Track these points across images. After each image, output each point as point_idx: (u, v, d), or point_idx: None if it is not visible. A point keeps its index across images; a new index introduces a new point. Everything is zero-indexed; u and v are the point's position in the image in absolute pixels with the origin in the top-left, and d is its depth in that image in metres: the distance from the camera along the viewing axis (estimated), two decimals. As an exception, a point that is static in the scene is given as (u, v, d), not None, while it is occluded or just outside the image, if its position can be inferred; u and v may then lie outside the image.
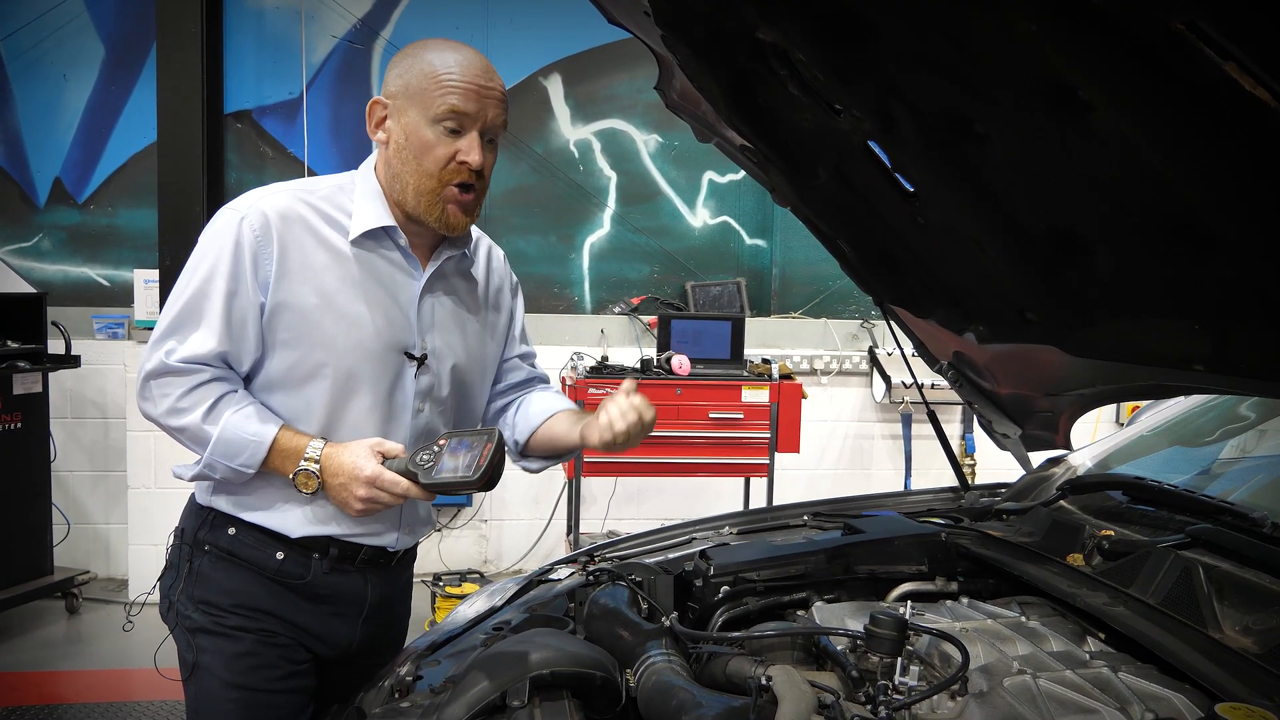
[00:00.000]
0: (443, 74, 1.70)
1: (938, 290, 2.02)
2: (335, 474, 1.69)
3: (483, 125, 1.72)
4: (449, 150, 1.71)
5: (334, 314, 1.75)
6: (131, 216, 5.65)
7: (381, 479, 1.66)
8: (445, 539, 5.73)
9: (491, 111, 1.72)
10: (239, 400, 1.73)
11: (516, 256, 5.78)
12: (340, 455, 1.70)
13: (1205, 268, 1.32)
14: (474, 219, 1.82)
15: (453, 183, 1.73)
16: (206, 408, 1.70)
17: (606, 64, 5.87)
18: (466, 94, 1.69)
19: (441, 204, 1.75)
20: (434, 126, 1.71)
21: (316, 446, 1.71)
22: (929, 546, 1.96)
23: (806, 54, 1.45)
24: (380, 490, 1.66)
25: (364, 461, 1.67)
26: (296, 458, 1.71)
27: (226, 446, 1.70)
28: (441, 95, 1.69)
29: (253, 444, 1.70)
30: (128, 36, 5.54)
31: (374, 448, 1.70)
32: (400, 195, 1.77)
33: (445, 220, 1.77)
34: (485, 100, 1.71)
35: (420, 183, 1.74)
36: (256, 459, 1.70)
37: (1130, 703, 1.33)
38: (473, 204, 1.78)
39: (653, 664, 1.47)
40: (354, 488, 1.67)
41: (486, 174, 1.77)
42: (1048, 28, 1.08)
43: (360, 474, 1.67)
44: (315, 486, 1.71)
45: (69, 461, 5.44)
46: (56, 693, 4.19)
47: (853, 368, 5.95)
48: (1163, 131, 1.14)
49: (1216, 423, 2.44)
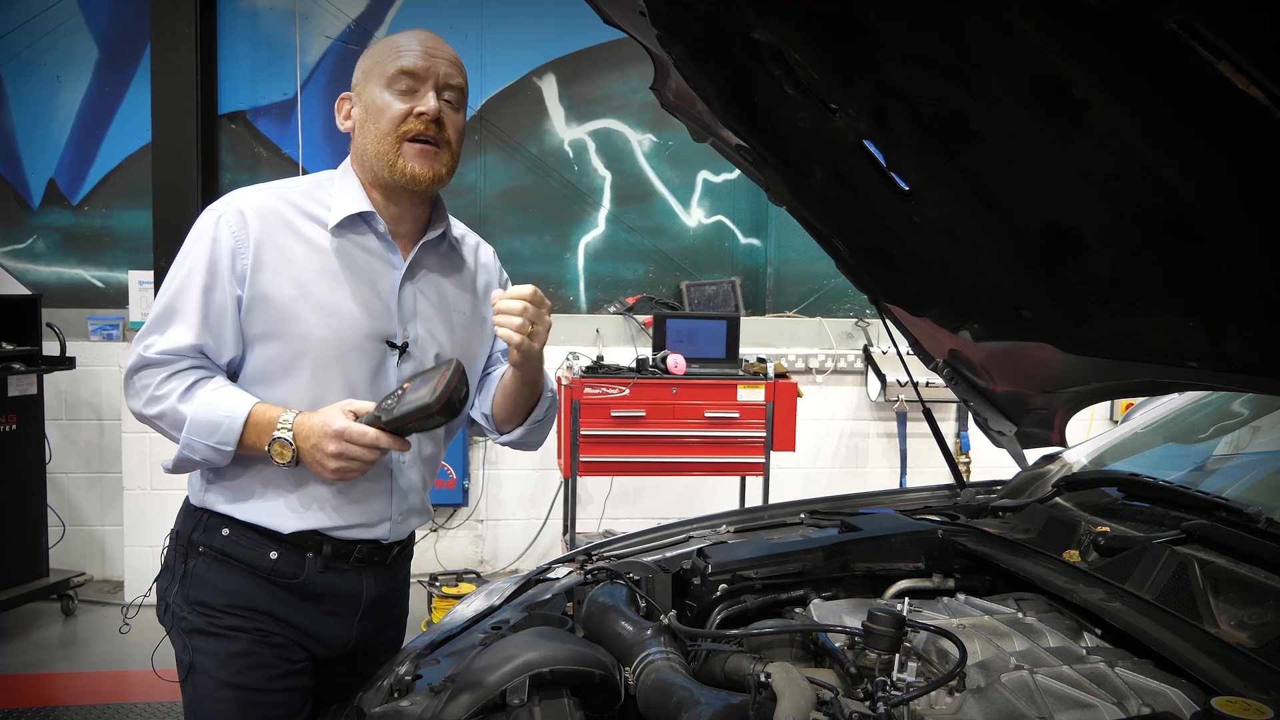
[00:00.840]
0: (393, 46, 1.78)
1: (933, 288, 2.02)
2: (307, 436, 1.70)
3: (436, 82, 1.77)
4: (404, 107, 1.76)
5: (311, 304, 1.77)
6: (126, 218, 5.64)
7: (349, 431, 1.66)
8: (441, 539, 5.73)
9: (443, 68, 1.78)
10: (215, 382, 1.76)
11: (512, 256, 5.82)
12: (311, 418, 1.71)
13: (1199, 265, 1.32)
14: (443, 173, 1.81)
15: (410, 136, 1.76)
16: (182, 390, 1.73)
17: (601, 64, 5.87)
18: (415, 54, 1.76)
19: (402, 159, 1.77)
20: (389, 91, 1.76)
21: (289, 415, 1.73)
22: (926, 544, 1.96)
23: (802, 53, 1.45)
24: (350, 444, 1.67)
25: (332, 417, 1.69)
26: (270, 428, 1.71)
27: (203, 424, 1.72)
28: (392, 60, 1.76)
29: (227, 419, 1.71)
30: (122, 37, 5.54)
31: (345, 407, 1.71)
32: (369, 170, 1.81)
33: (408, 173, 1.77)
34: (435, 59, 1.77)
35: (379, 144, 1.78)
36: (233, 434, 1.71)
37: (1127, 697, 1.34)
38: (435, 155, 1.79)
39: (652, 662, 1.47)
40: (325, 444, 1.68)
41: (451, 134, 1.80)
42: (1042, 26, 1.09)
43: (329, 428, 1.67)
44: (290, 455, 1.71)
45: (64, 463, 5.44)
46: (53, 694, 4.18)
47: (848, 366, 5.96)
48: (1157, 129, 1.14)
49: (1210, 420, 2.45)
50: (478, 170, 5.79)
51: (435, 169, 1.79)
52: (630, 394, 4.71)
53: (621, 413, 4.71)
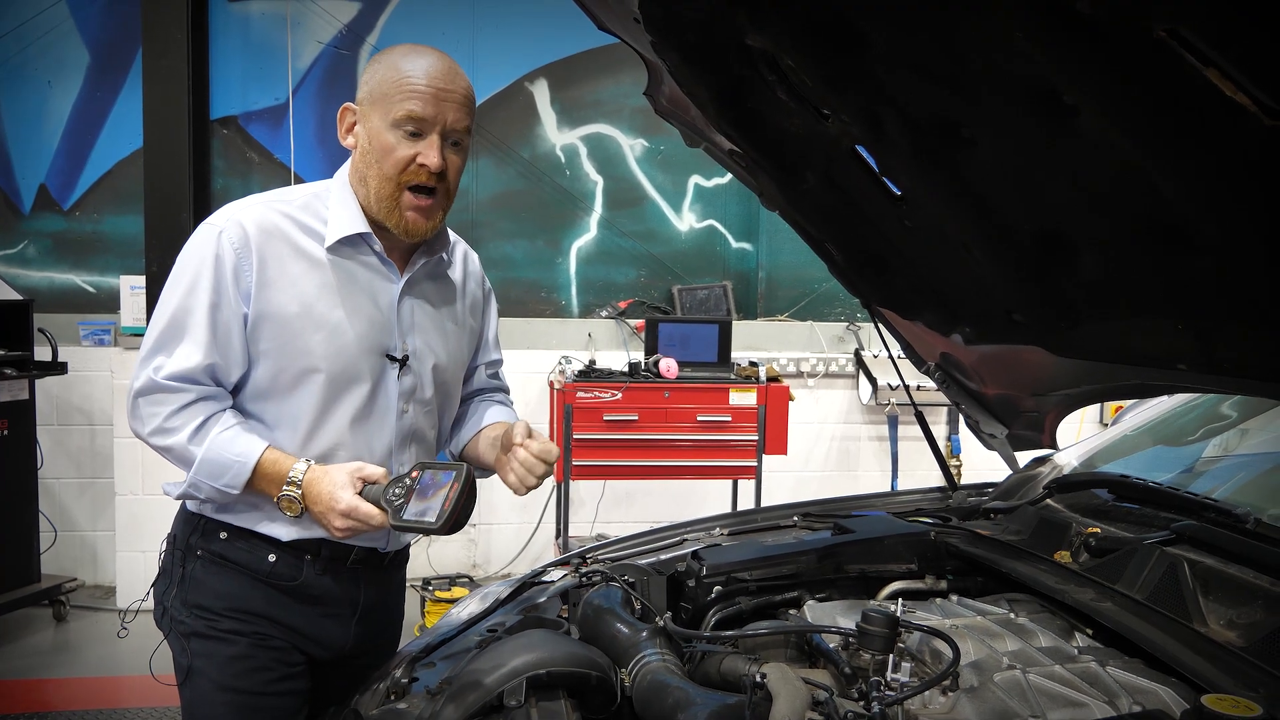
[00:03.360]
0: (403, 79, 1.72)
1: (925, 292, 2.04)
2: (315, 501, 1.70)
3: (443, 128, 1.74)
4: (409, 153, 1.73)
5: (314, 321, 1.77)
6: (117, 223, 5.63)
7: (357, 512, 1.66)
8: (434, 543, 5.72)
9: (452, 114, 1.74)
10: (225, 421, 1.74)
11: (504, 261, 5.83)
12: (320, 484, 1.70)
13: (1189, 268, 1.34)
14: (436, 223, 1.82)
15: (410, 185, 1.75)
16: (193, 428, 1.72)
17: (593, 69, 5.88)
18: (425, 98, 1.71)
19: (399, 211, 1.77)
20: (394, 131, 1.73)
21: (299, 470, 1.72)
22: (918, 545, 1.98)
23: (795, 60, 1.46)
24: (356, 522, 1.67)
25: (340, 493, 1.67)
26: (280, 483, 1.71)
27: (211, 467, 1.71)
28: (401, 100, 1.71)
29: (237, 464, 1.71)
30: (113, 43, 5.53)
31: (354, 474, 1.69)
32: (366, 200, 1.80)
33: (405, 227, 1.78)
34: (444, 104, 1.72)
35: (380, 187, 1.76)
36: (240, 480, 1.72)
37: (1118, 696, 1.35)
38: (433, 208, 1.79)
39: (647, 663, 1.48)
40: (332, 518, 1.69)
41: (451, 176, 1.79)
42: (1034, 34, 1.10)
43: (336, 506, 1.67)
44: (299, 511, 1.72)
45: (56, 469, 5.42)
46: (46, 700, 4.17)
47: (839, 370, 5.98)
48: (1146, 135, 1.16)
49: (1199, 422, 2.46)
50: (469, 175, 5.79)
51: (431, 222, 1.80)
52: (622, 398, 4.72)
53: (614, 416, 4.71)
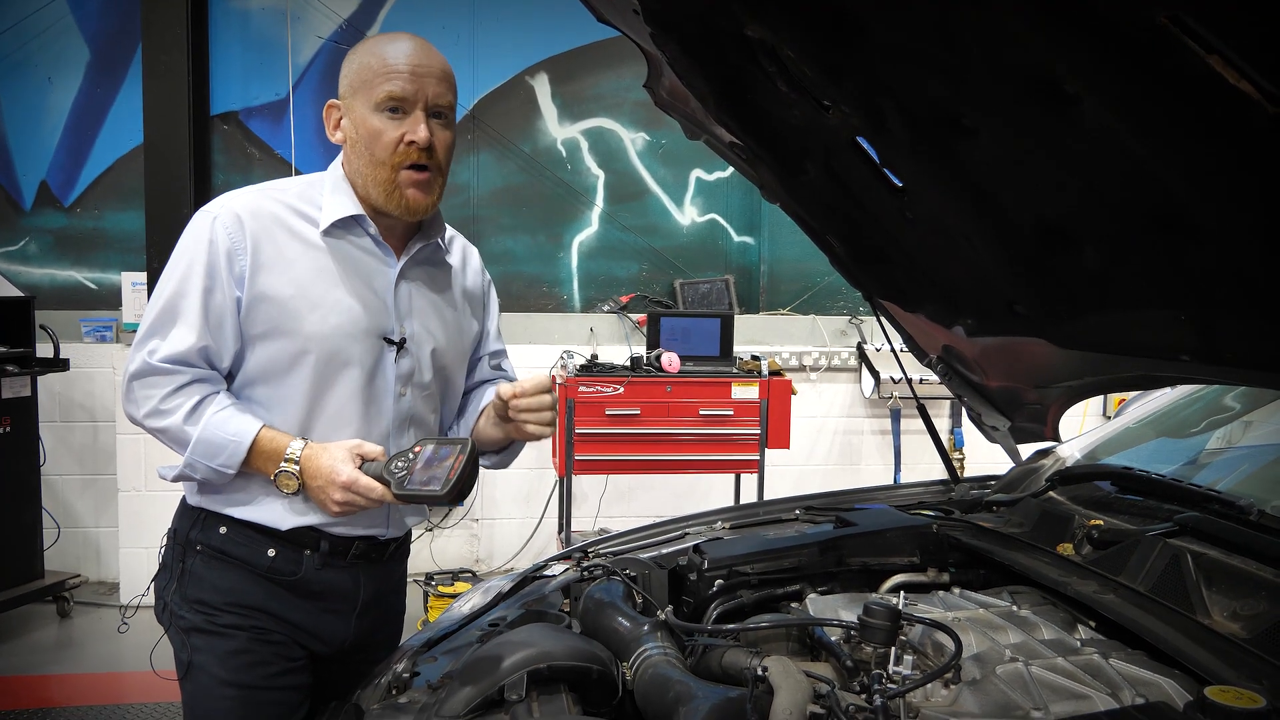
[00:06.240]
0: (380, 63, 1.75)
1: (926, 284, 2.03)
2: (314, 476, 1.73)
3: (425, 104, 1.76)
4: (396, 134, 1.75)
5: (309, 303, 1.78)
6: (118, 219, 5.64)
7: (357, 484, 1.69)
8: (437, 539, 5.73)
9: (432, 89, 1.76)
10: (220, 401, 1.76)
11: (505, 256, 5.83)
12: (319, 458, 1.73)
13: (1191, 259, 1.33)
14: (435, 199, 1.83)
15: (404, 165, 1.76)
16: (189, 409, 1.74)
17: (593, 63, 5.87)
18: (403, 77, 1.74)
19: (399, 190, 1.78)
20: (378, 114, 1.75)
21: (296, 448, 1.74)
22: (920, 538, 1.97)
23: (795, 51, 1.46)
24: (356, 495, 1.69)
25: (341, 466, 1.70)
26: (277, 459, 1.74)
27: (206, 447, 1.73)
28: (380, 84, 1.74)
29: (232, 444, 1.73)
30: (113, 39, 5.52)
31: (353, 450, 1.73)
32: (364, 190, 1.81)
33: (406, 205, 1.80)
34: (423, 79, 1.75)
35: (375, 173, 1.78)
36: (236, 459, 1.73)
37: (1121, 688, 1.35)
38: (429, 182, 1.80)
39: (649, 657, 1.48)
40: (331, 491, 1.71)
41: (441, 152, 1.80)
42: (1035, 22, 1.09)
43: (336, 479, 1.70)
44: (296, 487, 1.74)
45: (58, 465, 5.43)
46: (50, 696, 4.18)
47: (841, 364, 5.97)
48: (1148, 124, 1.15)
49: (1202, 414, 2.46)
50: (470, 170, 5.79)
51: (431, 198, 1.81)
52: (625, 392, 4.71)
53: (616, 411, 4.71)
